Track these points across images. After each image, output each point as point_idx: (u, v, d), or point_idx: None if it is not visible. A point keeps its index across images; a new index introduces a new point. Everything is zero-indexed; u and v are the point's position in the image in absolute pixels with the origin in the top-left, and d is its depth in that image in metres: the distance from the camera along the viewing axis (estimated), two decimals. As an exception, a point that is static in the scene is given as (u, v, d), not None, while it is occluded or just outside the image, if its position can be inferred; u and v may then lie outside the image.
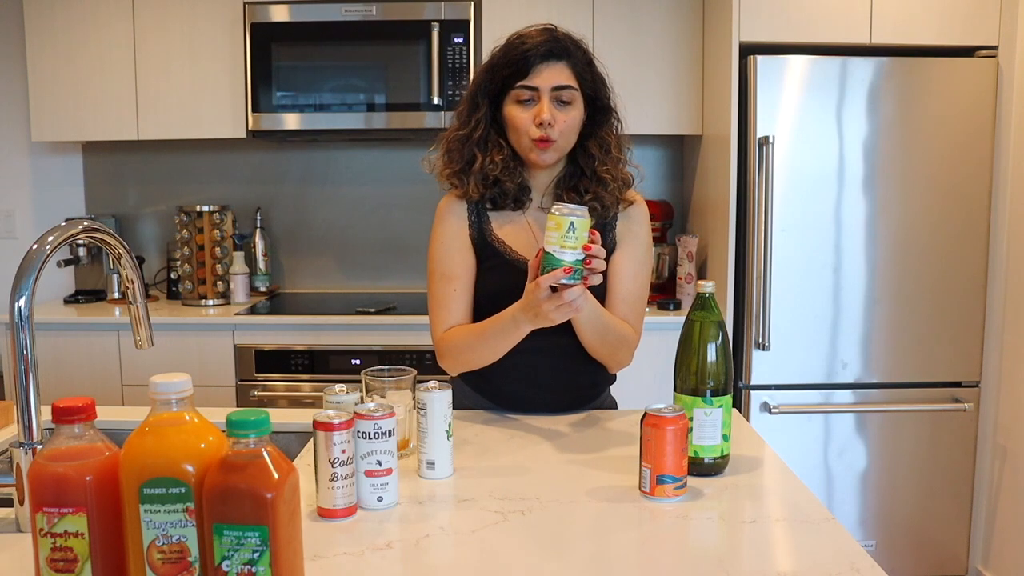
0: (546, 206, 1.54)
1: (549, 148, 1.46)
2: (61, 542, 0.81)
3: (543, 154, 1.47)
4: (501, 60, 1.47)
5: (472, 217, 1.54)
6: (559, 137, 1.46)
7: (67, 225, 1.10)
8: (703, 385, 1.24)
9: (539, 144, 1.46)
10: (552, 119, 1.43)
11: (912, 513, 2.73)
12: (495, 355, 1.47)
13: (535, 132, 1.45)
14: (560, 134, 1.46)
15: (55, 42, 2.95)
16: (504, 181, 1.50)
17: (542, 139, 1.45)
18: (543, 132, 1.44)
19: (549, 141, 1.45)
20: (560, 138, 1.46)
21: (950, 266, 2.66)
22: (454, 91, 2.84)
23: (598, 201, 1.51)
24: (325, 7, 2.85)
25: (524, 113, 1.46)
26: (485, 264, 1.54)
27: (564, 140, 1.47)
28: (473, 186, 1.51)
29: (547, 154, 1.47)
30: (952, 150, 2.62)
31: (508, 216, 1.54)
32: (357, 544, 1.03)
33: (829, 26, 2.61)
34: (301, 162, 3.32)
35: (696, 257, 2.93)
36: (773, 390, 2.67)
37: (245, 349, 2.78)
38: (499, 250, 1.52)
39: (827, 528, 1.07)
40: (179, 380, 0.82)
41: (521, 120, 1.46)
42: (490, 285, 1.52)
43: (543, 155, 1.47)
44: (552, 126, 1.44)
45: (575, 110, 1.47)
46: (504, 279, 1.49)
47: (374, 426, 1.11)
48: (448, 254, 1.53)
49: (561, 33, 1.48)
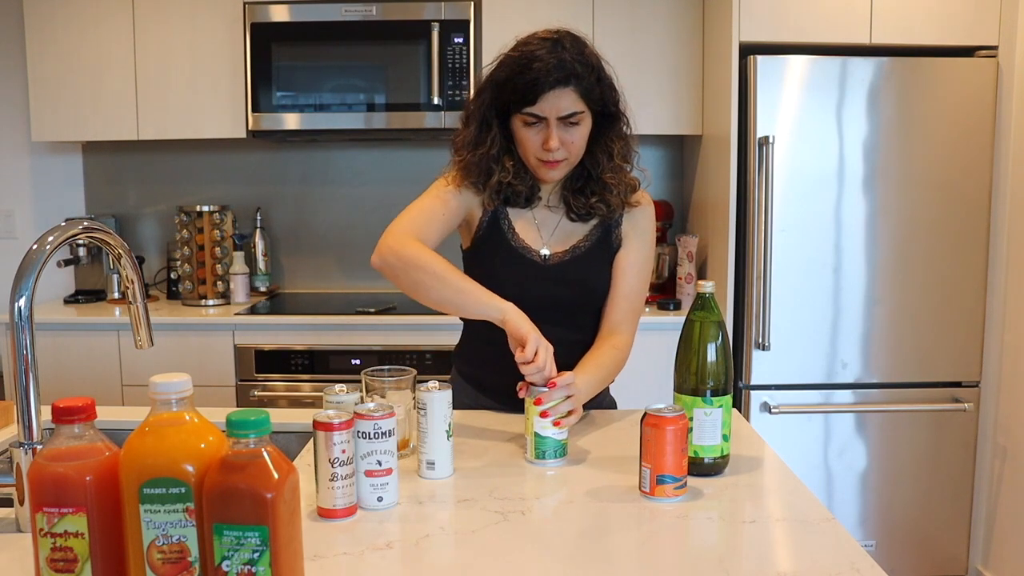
0: (552, 204, 1.57)
1: (557, 167, 1.48)
2: (61, 542, 0.81)
3: (551, 172, 1.49)
4: (507, 82, 1.44)
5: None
6: (568, 156, 1.47)
7: (67, 225, 1.10)
8: (703, 385, 1.24)
9: (546, 165, 1.48)
10: (560, 143, 1.44)
11: (912, 513, 2.73)
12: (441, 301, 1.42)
13: (543, 155, 1.46)
14: (569, 153, 1.47)
15: (55, 42, 2.95)
16: (516, 184, 1.52)
17: (550, 162, 1.47)
18: (550, 157, 1.46)
19: (557, 161, 1.47)
20: (570, 156, 1.48)
21: (950, 266, 2.66)
22: (454, 91, 2.84)
23: (604, 204, 1.53)
24: (325, 7, 2.85)
25: (532, 136, 1.46)
26: (487, 241, 1.55)
27: (574, 157, 1.49)
28: (488, 198, 1.53)
29: (555, 172, 1.50)
30: (952, 150, 2.62)
31: (518, 212, 1.57)
32: (357, 544, 1.03)
33: (829, 26, 2.61)
34: (301, 162, 3.32)
35: (696, 257, 2.93)
36: (773, 390, 2.67)
37: (245, 349, 2.78)
38: (505, 233, 1.55)
39: (827, 528, 1.07)
40: (179, 380, 0.82)
41: (529, 142, 1.47)
42: (487, 263, 1.54)
43: (551, 174, 1.50)
44: (560, 149, 1.45)
45: (583, 128, 1.47)
46: (503, 259, 1.53)
47: (374, 426, 1.11)
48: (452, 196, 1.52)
49: (568, 52, 1.42)
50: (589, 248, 1.55)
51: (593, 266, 1.55)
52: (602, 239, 1.56)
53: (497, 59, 1.48)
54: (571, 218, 1.56)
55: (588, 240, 1.56)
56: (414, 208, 1.51)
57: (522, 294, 1.47)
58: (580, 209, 1.54)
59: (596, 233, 1.56)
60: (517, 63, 1.43)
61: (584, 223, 1.56)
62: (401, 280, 1.44)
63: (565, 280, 1.53)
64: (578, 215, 1.55)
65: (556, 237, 1.56)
